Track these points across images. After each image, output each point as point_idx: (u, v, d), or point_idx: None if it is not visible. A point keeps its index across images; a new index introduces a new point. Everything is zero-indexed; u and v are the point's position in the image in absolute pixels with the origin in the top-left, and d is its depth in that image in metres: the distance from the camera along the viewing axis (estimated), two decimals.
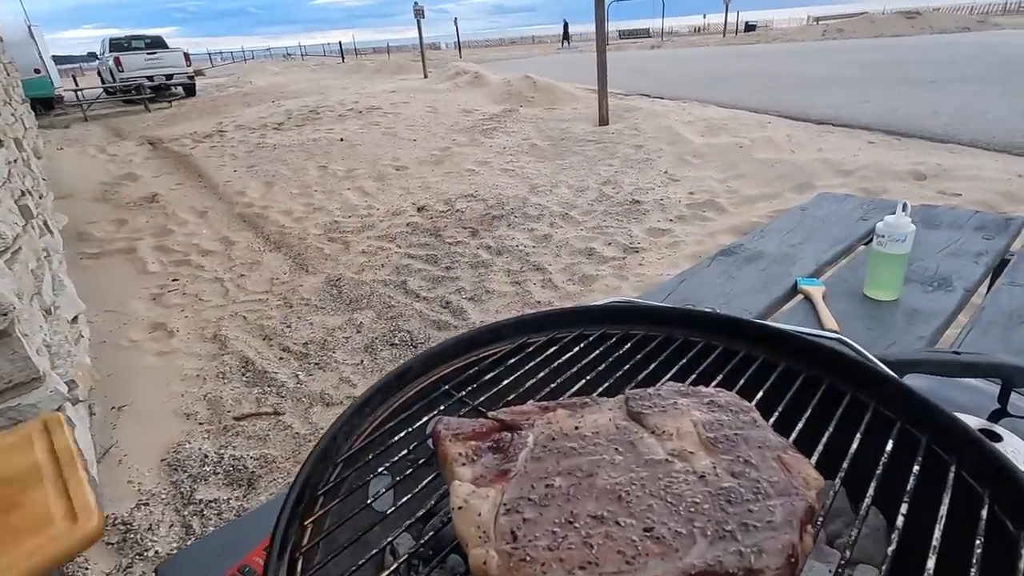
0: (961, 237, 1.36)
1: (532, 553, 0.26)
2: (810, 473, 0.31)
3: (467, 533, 0.28)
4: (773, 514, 0.28)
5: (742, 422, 0.34)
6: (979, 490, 0.32)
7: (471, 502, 0.29)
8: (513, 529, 0.28)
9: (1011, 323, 1.00)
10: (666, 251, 3.46)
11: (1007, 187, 3.51)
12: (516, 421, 0.35)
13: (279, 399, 2.37)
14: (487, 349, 0.48)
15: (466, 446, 0.33)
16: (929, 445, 0.36)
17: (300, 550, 0.31)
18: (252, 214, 4.87)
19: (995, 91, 7.21)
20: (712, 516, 0.28)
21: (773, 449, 0.32)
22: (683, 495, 0.29)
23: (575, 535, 0.27)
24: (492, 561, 0.27)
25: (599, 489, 0.30)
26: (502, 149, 6.28)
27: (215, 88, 18.48)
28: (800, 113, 6.88)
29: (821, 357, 0.43)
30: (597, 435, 0.34)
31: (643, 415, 0.35)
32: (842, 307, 1.11)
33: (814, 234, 1.47)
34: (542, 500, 0.29)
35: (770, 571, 0.25)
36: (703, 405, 0.35)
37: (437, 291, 3.20)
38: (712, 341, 0.47)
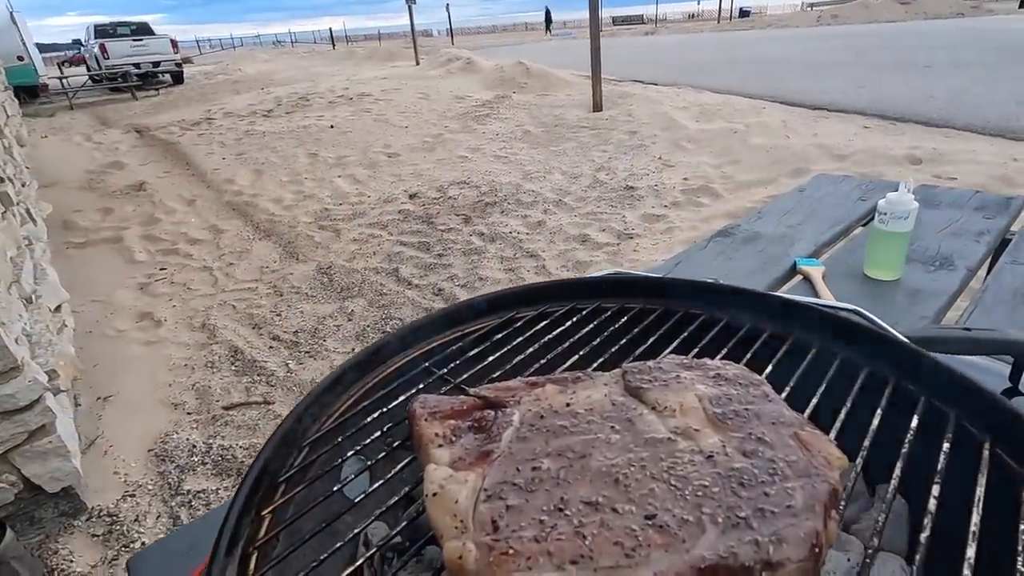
0: (962, 217, 1.34)
1: (516, 545, 0.23)
2: (832, 452, 0.27)
3: (442, 523, 0.25)
4: (793, 498, 0.24)
5: (752, 396, 0.30)
6: (1018, 469, 0.29)
7: (447, 488, 0.26)
8: (494, 518, 0.24)
9: (1015, 302, 0.97)
10: (660, 237, 3.43)
11: (1002, 171, 3.49)
12: (500, 398, 0.31)
13: (269, 388, 2.33)
14: (472, 324, 0.44)
15: (444, 426, 0.30)
16: (959, 421, 0.33)
17: (255, 543, 0.28)
18: (241, 202, 4.80)
19: (989, 76, 7.20)
20: (723, 501, 0.24)
21: (789, 426, 0.29)
22: (689, 478, 0.26)
23: (566, 524, 0.24)
24: (470, 555, 0.23)
25: (593, 472, 0.26)
26: (495, 135, 6.21)
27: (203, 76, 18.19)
28: (795, 99, 6.84)
29: (835, 329, 0.40)
30: (591, 412, 0.30)
31: (642, 390, 0.31)
32: (842, 287, 1.08)
33: (812, 215, 1.43)
34: (528, 485, 0.26)
35: (791, 563, 0.22)
36: (708, 378, 0.32)
37: (429, 279, 3.15)
38: (715, 313, 0.43)
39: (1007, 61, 8.41)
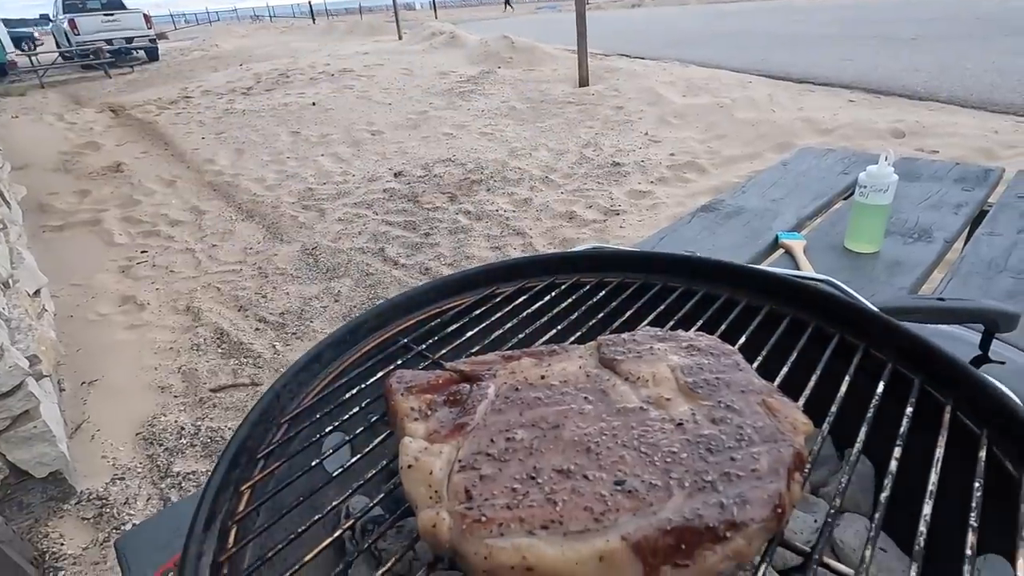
0: (941, 189, 1.35)
1: (488, 513, 0.23)
2: (798, 418, 0.28)
3: (416, 493, 0.25)
4: (758, 462, 0.25)
5: (723, 365, 0.31)
6: (977, 431, 0.30)
7: (422, 459, 0.26)
8: (468, 487, 0.25)
9: (990, 272, 0.99)
10: (647, 213, 3.43)
11: (983, 143, 3.53)
12: (476, 372, 0.32)
13: (256, 370, 2.32)
14: (451, 300, 0.44)
15: (419, 400, 0.30)
16: (923, 386, 0.34)
17: (234, 518, 0.28)
18: (222, 183, 4.71)
19: (974, 47, 7.20)
20: (690, 466, 0.25)
21: (757, 393, 0.29)
22: (659, 444, 0.26)
23: (537, 492, 0.24)
24: (443, 524, 0.23)
25: (566, 441, 0.27)
26: (480, 112, 6.12)
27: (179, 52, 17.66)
28: (781, 72, 6.81)
29: (807, 299, 0.41)
30: (565, 384, 0.30)
31: (616, 361, 0.32)
32: (823, 260, 1.09)
33: (795, 189, 1.44)
34: (502, 455, 0.26)
35: (755, 524, 0.23)
36: (681, 349, 0.32)
37: (416, 258, 3.14)
38: (692, 286, 0.44)
39: (993, 32, 8.42)
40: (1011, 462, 0.29)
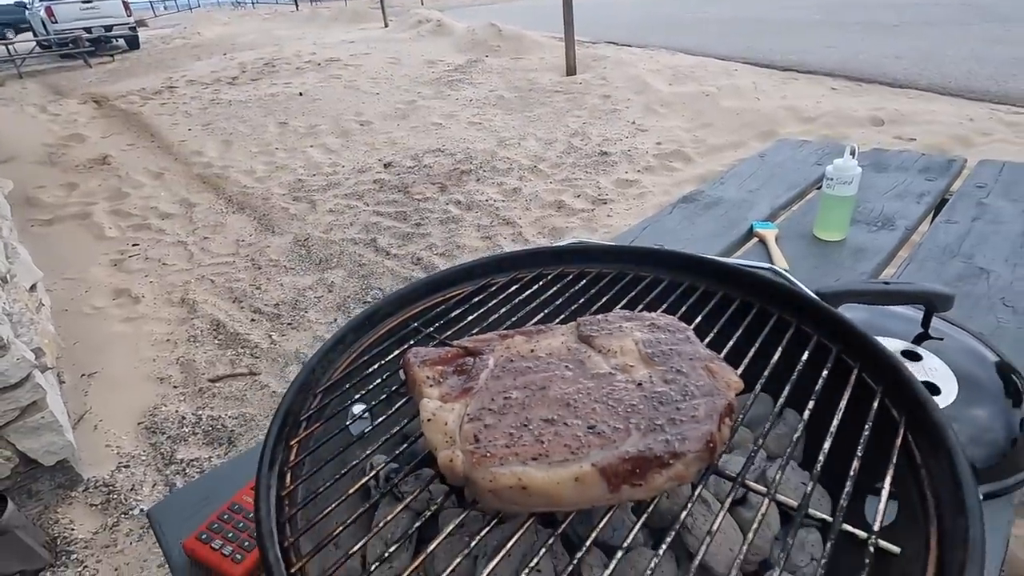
0: (907, 179, 1.43)
1: (492, 451, 0.30)
2: (732, 378, 0.35)
3: (436, 440, 0.32)
4: (697, 410, 0.32)
5: (677, 339, 0.38)
6: (874, 387, 0.38)
7: (438, 414, 0.33)
8: (475, 433, 0.32)
9: (944, 257, 1.07)
10: (634, 202, 3.50)
11: (959, 131, 3.63)
12: (478, 347, 0.39)
13: (254, 360, 2.37)
14: (453, 290, 0.51)
15: (433, 370, 0.37)
16: (839, 354, 0.41)
17: (287, 465, 0.35)
18: (211, 175, 4.70)
19: (955, 34, 7.30)
20: (646, 415, 0.32)
21: (702, 360, 0.37)
22: (622, 400, 0.33)
23: (528, 435, 0.31)
24: (458, 460, 0.31)
25: (550, 399, 0.34)
26: (468, 101, 6.13)
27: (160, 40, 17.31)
28: (766, 60, 6.87)
29: (755, 285, 0.48)
30: (550, 356, 0.38)
31: (592, 338, 0.39)
32: (794, 248, 1.17)
33: (771, 180, 1.52)
34: (500, 409, 0.33)
35: (691, 454, 0.30)
36: (644, 327, 0.40)
37: (408, 248, 3.19)
38: (659, 275, 0.51)
39: (974, 18, 8.52)
40: (896, 410, 0.36)
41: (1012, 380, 0.71)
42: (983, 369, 0.72)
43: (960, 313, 0.91)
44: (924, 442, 0.33)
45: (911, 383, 0.35)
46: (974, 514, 0.28)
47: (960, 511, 0.28)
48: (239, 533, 0.61)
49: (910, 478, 0.33)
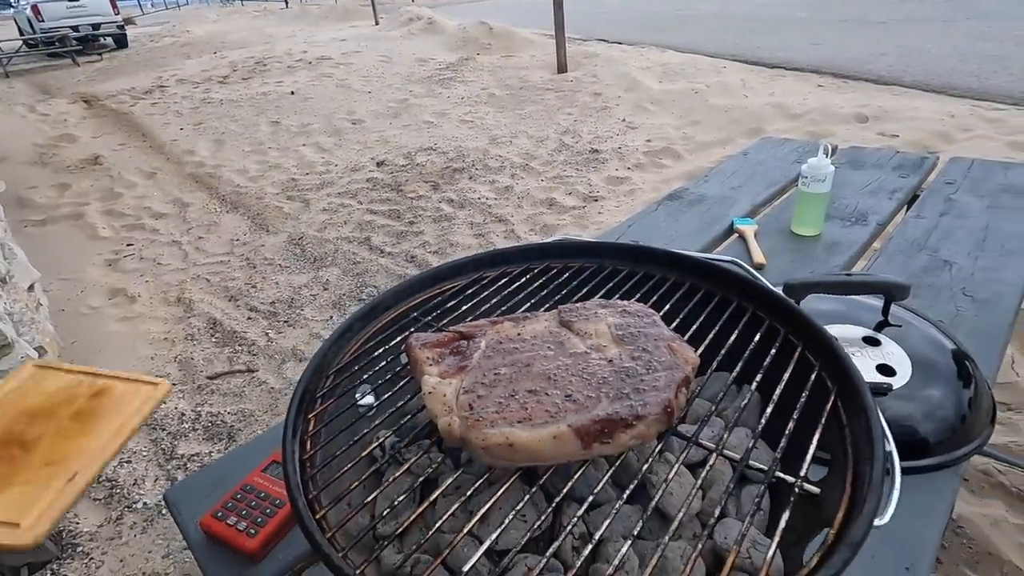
0: (881, 176, 1.49)
1: (483, 416, 0.35)
2: (690, 355, 0.41)
3: (436, 409, 0.37)
4: (658, 381, 0.37)
5: (644, 323, 0.43)
6: (814, 363, 0.43)
7: (438, 388, 0.38)
8: (470, 403, 0.37)
9: (912, 250, 1.14)
10: (624, 199, 3.55)
11: (940, 127, 3.71)
12: (471, 332, 0.44)
13: (251, 357, 2.41)
14: (447, 283, 0.56)
15: (432, 351, 0.42)
16: (786, 335, 0.46)
17: (307, 435, 0.39)
18: (204, 174, 4.71)
19: (939, 31, 7.41)
20: (615, 385, 0.37)
21: (665, 340, 0.42)
22: (595, 374, 0.39)
23: (515, 403, 0.36)
24: (455, 424, 0.36)
25: (534, 374, 0.39)
26: (460, 100, 6.17)
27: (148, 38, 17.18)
28: (754, 57, 6.94)
29: (718, 276, 0.53)
30: (534, 339, 0.43)
31: (571, 323, 0.44)
32: (772, 243, 1.23)
33: (752, 177, 1.57)
34: (491, 383, 0.38)
35: (652, 416, 0.35)
36: (617, 313, 0.45)
37: (402, 246, 3.23)
38: (634, 268, 0.56)
39: (958, 15, 8.63)
40: (830, 381, 0.42)
41: (964, 364, 0.77)
42: (939, 354, 0.78)
43: (923, 302, 0.97)
44: (850, 406, 0.39)
45: (843, 359, 0.40)
46: (879, 460, 0.33)
47: (869, 459, 0.34)
48: (252, 511, 0.66)
49: (838, 436, 0.38)
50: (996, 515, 1.43)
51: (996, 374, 0.84)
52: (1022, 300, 0.98)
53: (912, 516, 0.61)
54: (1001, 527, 1.40)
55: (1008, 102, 4.21)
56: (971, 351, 0.80)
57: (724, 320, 0.49)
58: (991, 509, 1.45)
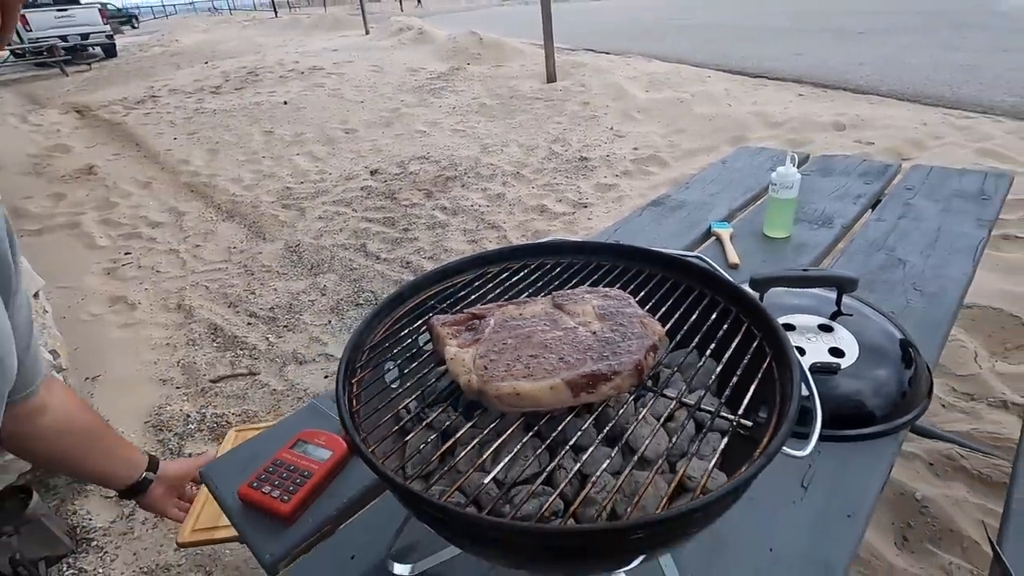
0: (847, 182, 1.61)
1: (495, 374, 0.45)
2: (657, 328, 0.51)
3: (458, 370, 0.47)
4: (631, 347, 0.47)
5: (622, 305, 0.53)
6: (757, 334, 0.53)
7: (458, 355, 0.48)
8: (484, 365, 0.46)
9: (871, 250, 1.25)
10: (612, 205, 3.67)
11: (913, 135, 3.87)
12: (482, 312, 0.53)
13: (253, 361, 2.48)
14: (457, 278, 0.65)
15: (451, 328, 0.51)
16: (737, 314, 0.56)
17: (352, 395, 0.48)
18: (199, 183, 4.77)
19: (916, 42, 7.65)
20: (597, 351, 0.47)
21: (638, 317, 0.51)
22: (582, 342, 0.48)
23: (519, 364, 0.46)
24: (473, 380, 0.45)
25: (533, 343, 0.48)
26: (452, 109, 6.28)
27: (137, 48, 17.19)
28: (738, 66, 7.12)
29: (684, 268, 0.63)
30: (533, 317, 0.52)
31: (563, 305, 0.54)
32: (746, 245, 1.33)
33: (730, 184, 1.69)
34: (500, 351, 0.48)
35: (625, 372, 0.45)
36: (599, 297, 0.54)
37: (397, 252, 3.31)
38: (616, 263, 0.66)
39: (935, 26, 8.90)
40: (768, 348, 0.51)
41: (907, 350, 0.88)
42: (885, 340, 0.88)
43: (878, 296, 1.08)
44: (780, 365, 0.49)
45: (777, 330, 0.50)
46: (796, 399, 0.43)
47: (788, 399, 0.44)
48: (283, 481, 0.75)
49: (771, 388, 0.48)
50: (958, 496, 1.54)
51: (938, 358, 0.95)
52: (965, 294, 1.09)
53: (857, 475, 0.71)
54: (962, 507, 1.51)
55: (978, 110, 4.39)
56: (915, 338, 0.91)
57: (687, 303, 0.59)
58: (953, 491, 1.56)
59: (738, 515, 0.67)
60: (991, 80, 5.22)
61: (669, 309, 0.58)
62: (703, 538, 0.64)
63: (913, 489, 1.56)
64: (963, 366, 1.96)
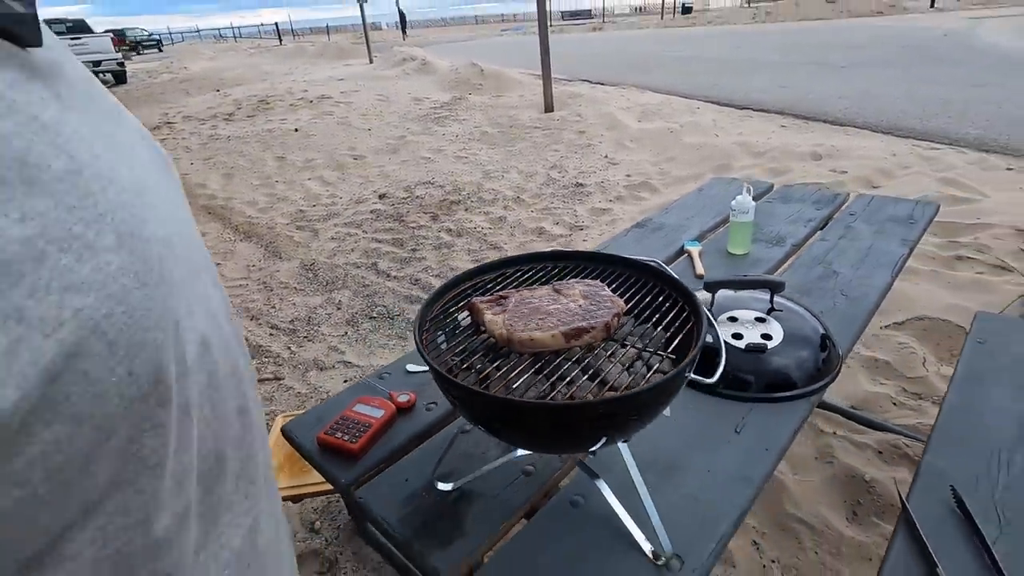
0: (801, 208, 1.89)
1: (516, 329, 0.71)
2: (620, 303, 0.76)
3: (493, 328, 0.72)
4: (603, 314, 0.73)
5: (598, 289, 0.79)
6: (686, 309, 0.79)
7: (493, 319, 0.73)
8: (511, 324, 0.72)
9: (813, 264, 1.51)
10: (606, 227, 3.95)
11: (883, 164, 4.19)
12: (506, 295, 0.79)
13: (277, 367, 2.72)
14: (483, 277, 0.91)
15: (487, 304, 0.77)
16: (676, 298, 0.82)
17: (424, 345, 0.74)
18: (216, 206, 5.05)
19: (894, 75, 8.08)
20: (581, 316, 0.73)
21: (609, 297, 0.77)
22: (572, 311, 0.74)
23: (532, 323, 0.72)
24: (503, 333, 0.71)
25: (541, 312, 0.74)
26: (455, 137, 6.61)
27: (146, 74, 17.69)
28: (726, 98, 7.52)
29: (642, 268, 0.89)
30: (541, 298, 0.78)
31: (560, 290, 0.80)
32: (712, 260, 1.60)
33: (703, 210, 1.96)
34: (519, 316, 0.73)
35: (599, 327, 0.71)
36: (584, 285, 0.80)
37: (406, 270, 3.57)
38: (596, 266, 0.92)
39: (912, 60, 9.39)
40: (692, 317, 0.77)
41: (823, 338, 1.14)
42: (808, 330, 1.14)
43: (813, 299, 1.34)
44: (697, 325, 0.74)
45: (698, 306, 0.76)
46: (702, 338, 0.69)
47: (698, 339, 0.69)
48: (350, 430, 1.00)
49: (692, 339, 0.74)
50: (900, 477, 1.78)
51: (852, 345, 1.20)
52: (883, 298, 1.35)
53: (776, 424, 0.97)
54: (904, 486, 1.75)
55: (945, 142, 4.74)
56: (834, 331, 1.17)
57: (643, 290, 0.85)
58: (897, 473, 1.80)
59: (688, 450, 0.92)
60: (959, 113, 5.59)
61: (631, 294, 0.84)
62: (662, 464, 0.89)
63: (863, 472, 1.80)
64: (913, 370, 2.22)
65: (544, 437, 0.68)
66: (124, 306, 0.25)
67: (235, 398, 0.36)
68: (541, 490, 0.87)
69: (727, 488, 0.85)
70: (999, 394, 1.41)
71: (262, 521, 0.39)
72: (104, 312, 0.24)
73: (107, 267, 0.24)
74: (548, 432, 0.65)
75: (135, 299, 0.25)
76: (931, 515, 1.13)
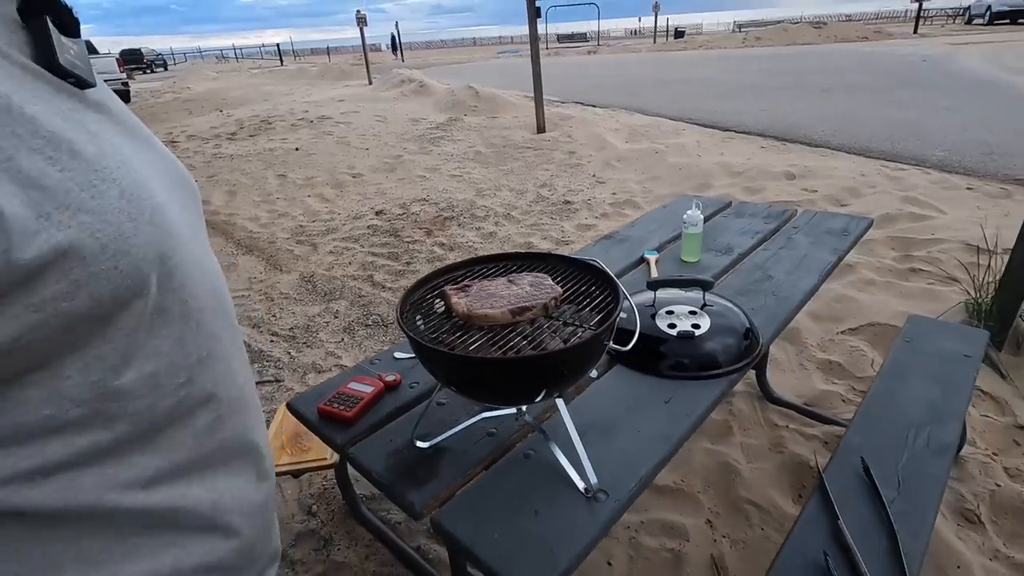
0: (752, 223, 2.11)
1: (476, 307, 0.91)
2: (559, 289, 0.97)
3: (458, 307, 0.93)
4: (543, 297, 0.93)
5: (542, 280, 1.00)
6: (615, 295, 1.00)
7: (458, 300, 0.94)
8: (470, 304, 0.93)
9: (753, 270, 1.73)
10: (590, 242, 4.17)
11: (851, 183, 4.44)
12: (469, 284, 1.00)
13: (277, 370, 2.90)
14: (455, 272, 1.13)
15: (454, 290, 0.98)
16: (604, 287, 1.03)
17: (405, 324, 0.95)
18: (219, 221, 5.26)
19: (873, 100, 8.42)
20: (526, 298, 0.93)
21: (549, 285, 0.98)
22: (520, 295, 0.95)
23: (488, 304, 0.92)
24: (464, 311, 0.91)
25: (496, 296, 0.95)
26: (450, 156, 6.87)
27: (149, 94, 18.04)
28: (711, 120, 7.83)
29: (582, 265, 1.10)
30: (497, 286, 0.99)
31: (512, 280, 1.00)
32: (666, 267, 1.81)
33: (665, 224, 2.18)
34: (478, 299, 0.94)
35: (539, 306, 0.91)
36: (532, 276, 1.01)
37: (401, 282, 3.77)
38: (547, 263, 1.14)
39: (892, 84, 9.75)
40: (614, 302, 0.99)
41: (747, 329, 1.34)
42: (735, 322, 1.35)
43: (747, 299, 1.55)
44: (615, 303, 0.95)
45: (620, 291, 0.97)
46: (616, 315, 0.89)
47: (613, 311, 0.90)
48: (346, 401, 1.19)
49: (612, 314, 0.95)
50: None
51: (775, 335, 1.41)
52: (808, 298, 1.57)
53: (698, 397, 1.17)
54: None
55: (911, 163, 5.00)
56: (759, 324, 1.38)
57: (581, 283, 1.07)
58: None
59: (624, 416, 1.12)
60: (927, 135, 5.89)
61: (572, 284, 1.06)
62: (600, 426, 1.09)
63: (809, 459, 1.99)
64: (862, 371, 2.43)
65: (496, 388, 0.88)
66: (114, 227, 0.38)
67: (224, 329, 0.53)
68: (500, 447, 1.07)
69: (651, 443, 1.05)
70: (916, 383, 1.63)
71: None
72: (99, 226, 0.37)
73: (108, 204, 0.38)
74: (499, 383, 0.86)
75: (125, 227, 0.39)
76: (842, 481, 1.34)
